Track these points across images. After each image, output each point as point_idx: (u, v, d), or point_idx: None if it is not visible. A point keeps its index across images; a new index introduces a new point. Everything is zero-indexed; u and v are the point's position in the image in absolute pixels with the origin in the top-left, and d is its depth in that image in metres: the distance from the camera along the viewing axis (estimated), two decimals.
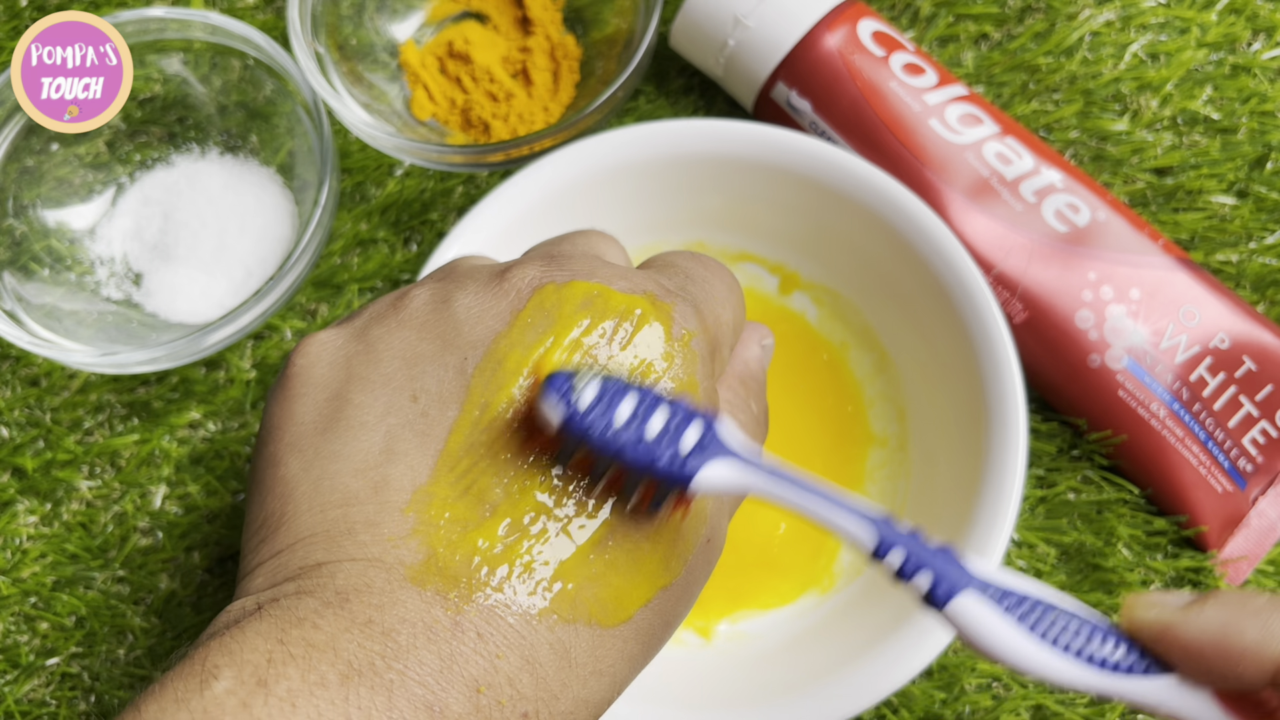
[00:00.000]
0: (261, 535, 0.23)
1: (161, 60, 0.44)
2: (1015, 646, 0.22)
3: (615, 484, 0.23)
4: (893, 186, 0.39)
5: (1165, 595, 0.23)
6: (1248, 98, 0.44)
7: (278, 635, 0.20)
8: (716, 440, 0.22)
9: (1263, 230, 0.43)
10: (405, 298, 0.26)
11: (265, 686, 0.20)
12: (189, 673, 0.20)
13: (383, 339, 0.25)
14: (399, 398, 0.24)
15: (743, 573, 0.39)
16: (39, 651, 0.40)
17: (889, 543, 0.22)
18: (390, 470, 0.23)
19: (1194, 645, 0.22)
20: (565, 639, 0.22)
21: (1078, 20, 0.45)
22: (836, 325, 0.42)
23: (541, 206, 0.40)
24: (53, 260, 0.42)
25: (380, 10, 0.46)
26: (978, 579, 0.22)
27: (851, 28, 0.42)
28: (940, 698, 0.38)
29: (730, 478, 0.22)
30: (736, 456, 0.22)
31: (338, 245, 0.43)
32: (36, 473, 0.41)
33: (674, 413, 0.22)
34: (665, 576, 0.24)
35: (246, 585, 0.23)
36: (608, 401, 0.22)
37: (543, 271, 0.25)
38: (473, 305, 0.25)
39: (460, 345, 0.24)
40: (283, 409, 0.25)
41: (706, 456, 0.22)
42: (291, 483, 0.23)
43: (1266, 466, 0.39)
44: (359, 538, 0.22)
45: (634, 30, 0.44)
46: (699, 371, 0.25)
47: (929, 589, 0.22)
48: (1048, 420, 0.41)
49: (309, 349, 0.25)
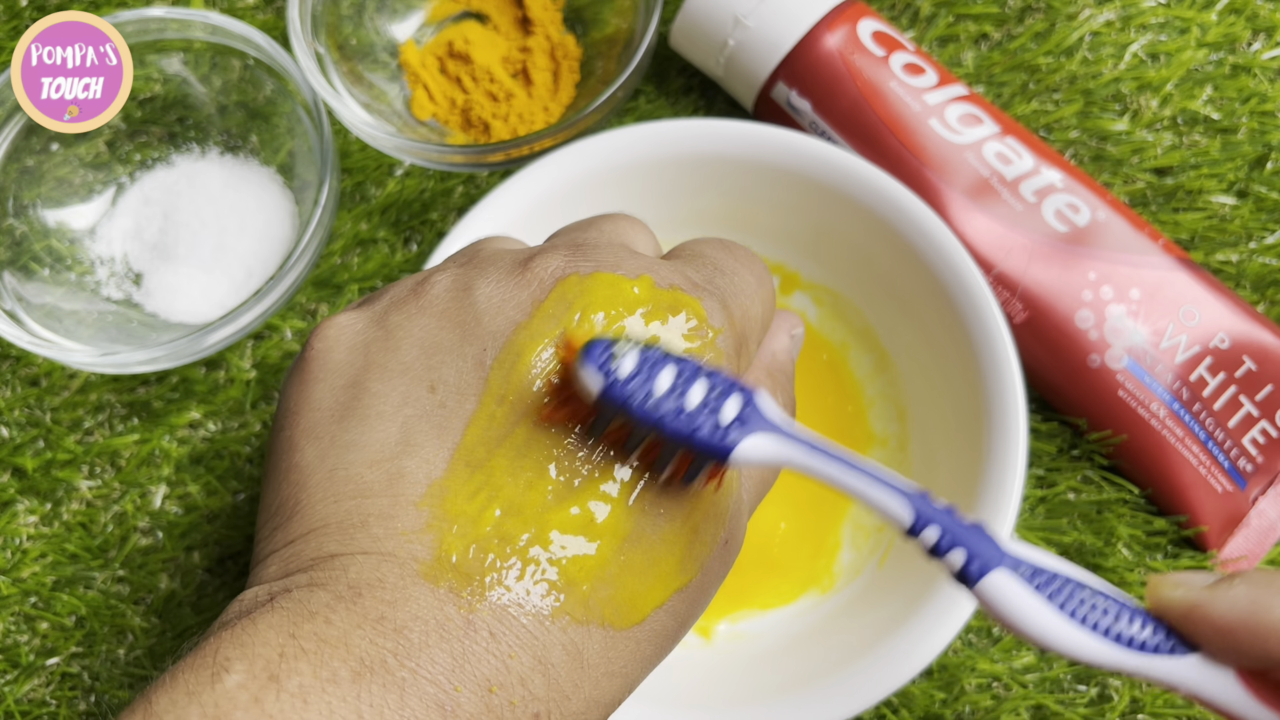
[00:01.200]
0: (276, 522, 0.23)
1: (161, 60, 0.44)
2: (1045, 624, 0.22)
3: (650, 455, 0.23)
4: (893, 186, 0.39)
5: (1191, 575, 0.23)
6: (1248, 98, 0.44)
7: (290, 629, 0.20)
8: (757, 413, 0.22)
9: (1263, 230, 0.43)
10: (427, 283, 0.25)
11: (277, 681, 0.19)
12: (200, 664, 0.20)
13: (402, 326, 0.24)
14: (417, 388, 0.23)
15: (743, 573, 0.39)
16: (39, 651, 0.40)
17: (924, 519, 0.22)
18: (406, 462, 0.22)
19: (1222, 622, 0.22)
20: (578, 640, 0.22)
21: (1078, 20, 0.45)
22: (836, 325, 0.42)
23: (541, 206, 0.40)
24: (53, 260, 0.42)
25: (380, 10, 0.46)
26: (1010, 556, 0.22)
27: (851, 28, 0.42)
28: (940, 698, 0.38)
29: (770, 450, 0.22)
30: (776, 429, 0.22)
31: (338, 245, 0.43)
32: (36, 473, 0.41)
33: (713, 384, 0.22)
34: (681, 579, 0.24)
35: (260, 573, 0.23)
36: (648, 371, 0.22)
37: (566, 261, 0.24)
38: (494, 295, 0.24)
39: (480, 336, 0.24)
40: (300, 393, 0.24)
41: (747, 429, 0.22)
42: (307, 470, 0.23)
43: (1266, 466, 0.39)
44: (373, 530, 0.22)
45: (634, 30, 0.44)
46: (723, 370, 0.24)
47: (962, 566, 0.22)
48: (1048, 420, 0.41)
49: (328, 332, 0.25)
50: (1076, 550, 0.40)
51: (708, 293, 0.25)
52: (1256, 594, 0.22)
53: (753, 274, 0.27)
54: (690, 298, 0.24)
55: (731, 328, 0.25)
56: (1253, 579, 0.23)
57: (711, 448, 0.22)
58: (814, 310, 0.42)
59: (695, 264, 0.26)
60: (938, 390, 0.40)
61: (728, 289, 0.26)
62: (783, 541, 0.40)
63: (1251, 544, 0.39)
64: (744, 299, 0.26)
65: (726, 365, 0.24)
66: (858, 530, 0.40)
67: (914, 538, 0.23)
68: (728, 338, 0.25)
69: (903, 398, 0.41)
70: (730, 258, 0.27)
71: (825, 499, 0.41)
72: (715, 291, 0.25)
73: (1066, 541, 0.40)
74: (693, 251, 0.27)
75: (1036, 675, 0.38)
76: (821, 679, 0.35)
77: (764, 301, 0.27)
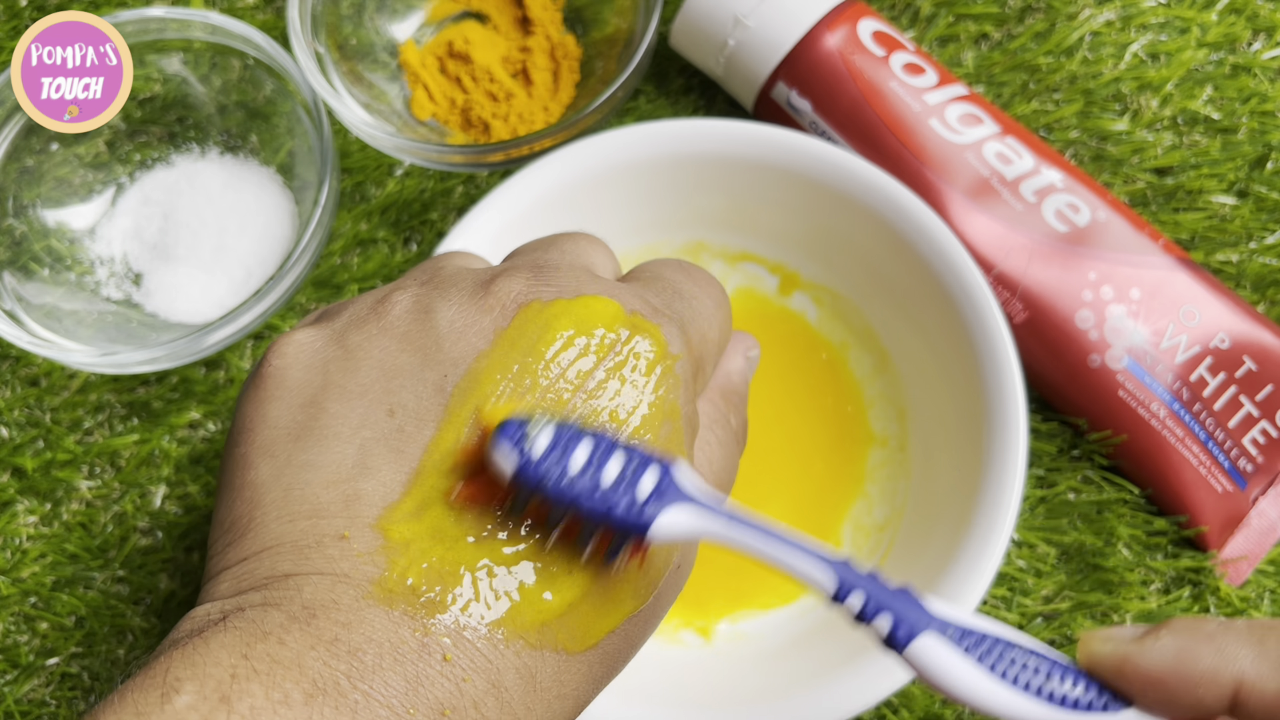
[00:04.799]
0: (229, 539, 0.23)
1: (161, 60, 0.44)
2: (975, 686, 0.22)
3: (570, 532, 0.22)
4: (893, 186, 0.39)
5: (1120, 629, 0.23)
6: (1248, 98, 0.44)
7: (242, 650, 0.20)
8: (674, 486, 0.22)
9: (1263, 230, 0.43)
10: (387, 301, 0.25)
11: (228, 703, 0.19)
12: (150, 684, 0.20)
13: (362, 346, 0.24)
14: (375, 411, 0.23)
15: (743, 573, 0.39)
16: (39, 651, 0.40)
17: (848, 586, 0.22)
18: (362, 485, 0.22)
19: (1153, 674, 0.22)
20: (531, 664, 0.22)
21: (1078, 20, 0.45)
22: (836, 325, 0.42)
23: (541, 206, 0.40)
24: (53, 260, 0.42)
25: (380, 10, 0.46)
26: (937, 619, 0.22)
27: (851, 27, 0.42)
28: (940, 697, 0.38)
29: (688, 524, 0.22)
30: (694, 501, 0.22)
31: (338, 245, 0.43)
32: (36, 473, 0.41)
33: (630, 458, 0.22)
34: (633, 604, 0.24)
35: (211, 589, 0.22)
36: (562, 448, 0.21)
37: (528, 285, 0.24)
38: (455, 319, 0.24)
39: (441, 361, 0.23)
40: (256, 410, 0.24)
41: (664, 503, 0.22)
42: (261, 488, 0.23)
43: (1266, 466, 0.39)
44: (327, 551, 0.22)
45: (634, 30, 0.44)
46: (681, 396, 0.24)
47: (889, 631, 0.22)
48: (1048, 420, 0.41)
49: (286, 349, 0.25)
50: (1076, 550, 0.40)
51: (667, 318, 0.25)
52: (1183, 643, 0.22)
53: (710, 298, 0.27)
54: (650, 323, 0.25)
55: (689, 352, 0.25)
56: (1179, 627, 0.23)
57: (628, 523, 0.22)
58: (814, 310, 0.42)
59: (655, 288, 0.26)
60: (938, 390, 0.40)
61: (686, 313, 0.26)
62: None
63: (1251, 544, 0.39)
64: (702, 323, 0.26)
65: (684, 393, 0.25)
66: (858, 530, 0.40)
67: (839, 604, 0.22)
68: (685, 364, 0.25)
69: (903, 398, 0.41)
70: (689, 281, 0.27)
71: (826, 499, 0.41)
72: (674, 316, 0.25)
73: (1066, 541, 0.40)
74: (652, 274, 0.27)
75: None
76: (822, 679, 0.35)
77: (721, 325, 0.27)
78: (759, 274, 0.43)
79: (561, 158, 0.40)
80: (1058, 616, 0.39)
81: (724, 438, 0.27)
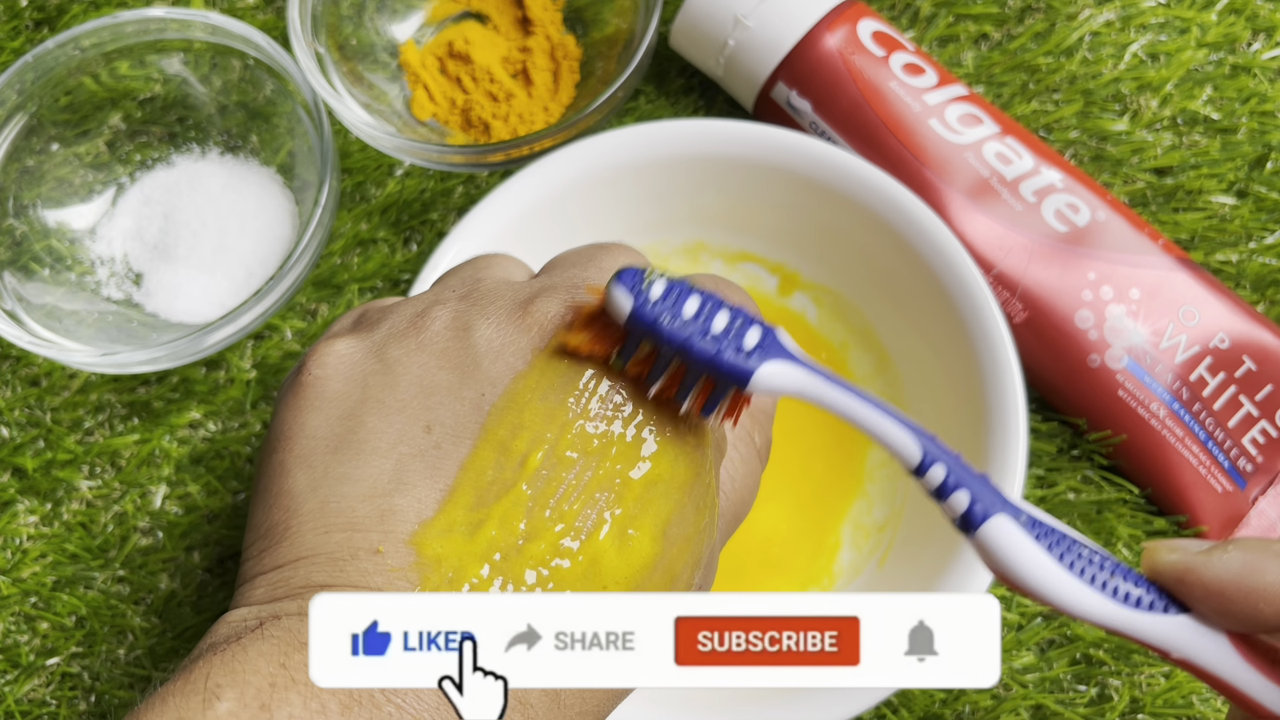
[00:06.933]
0: (264, 544, 0.23)
1: (161, 60, 0.44)
2: (1042, 572, 0.23)
3: (671, 386, 0.23)
4: (893, 186, 0.39)
5: (1186, 540, 0.24)
6: (1248, 98, 0.44)
7: (280, 658, 0.21)
8: (776, 343, 0.23)
9: (1263, 230, 0.43)
10: (426, 316, 0.25)
11: (268, 710, 0.20)
12: (190, 689, 0.20)
13: (401, 361, 0.24)
14: (413, 427, 0.23)
15: (743, 573, 0.39)
16: (39, 651, 0.40)
17: (932, 458, 0.23)
18: (398, 500, 0.23)
19: (1215, 584, 0.23)
20: None
21: (1078, 20, 0.45)
22: (836, 325, 0.42)
23: (541, 206, 0.40)
24: (53, 260, 0.42)
25: (380, 10, 0.46)
26: (1012, 505, 0.23)
27: (851, 28, 0.42)
28: (940, 697, 0.38)
29: (789, 377, 0.23)
30: (795, 360, 0.23)
31: (338, 245, 0.43)
32: (36, 473, 0.41)
33: (735, 316, 0.23)
34: None
35: (247, 593, 0.23)
36: (675, 297, 0.23)
37: (567, 308, 0.25)
38: (494, 338, 0.24)
39: (479, 380, 0.24)
40: (295, 418, 0.25)
41: (767, 355, 0.23)
42: (298, 497, 0.23)
43: (1266, 466, 0.39)
44: (361, 564, 0.22)
45: (634, 30, 0.44)
46: (711, 419, 0.25)
47: (965, 508, 0.23)
48: (1048, 420, 0.41)
49: (327, 359, 0.25)
50: None
51: None
52: (1249, 557, 0.23)
53: None
54: None
55: None
56: (1247, 544, 0.23)
57: (734, 370, 0.23)
58: (814, 310, 0.42)
59: None
60: (938, 390, 0.40)
61: None
62: (783, 541, 0.40)
63: None
64: None
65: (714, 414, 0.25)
66: (858, 530, 0.40)
67: (920, 476, 0.23)
68: None
69: (903, 398, 0.41)
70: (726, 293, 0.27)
71: (826, 499, 0.41)
72: None
73: None
74: None
75: (1036, 675, 0.38)
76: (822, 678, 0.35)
77: None
78: (759, 274, 0.43)
79: (562, 158, 0.40)
80: (1058, 616, 0.39)
81: (747, 454, 0.28)
